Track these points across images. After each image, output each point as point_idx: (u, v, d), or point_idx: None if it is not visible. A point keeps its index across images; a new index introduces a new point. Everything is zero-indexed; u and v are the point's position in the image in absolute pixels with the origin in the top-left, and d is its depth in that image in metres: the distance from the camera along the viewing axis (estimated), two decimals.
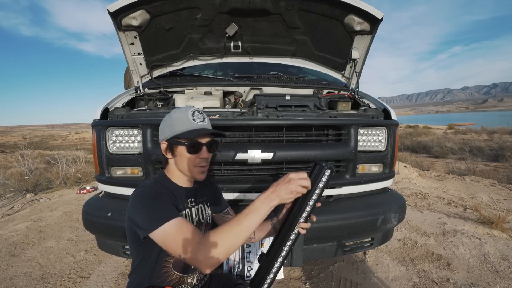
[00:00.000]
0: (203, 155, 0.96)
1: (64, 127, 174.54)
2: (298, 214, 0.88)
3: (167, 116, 0.99)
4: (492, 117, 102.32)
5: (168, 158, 0.98)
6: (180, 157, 0.95)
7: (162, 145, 0.98)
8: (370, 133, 1.64)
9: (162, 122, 0.99)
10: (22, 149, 7.21)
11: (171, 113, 0.97)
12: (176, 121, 0.94)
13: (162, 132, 0.98)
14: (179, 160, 0.96)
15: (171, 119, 0.96)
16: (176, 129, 0.93)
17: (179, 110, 0.97)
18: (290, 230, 0.89)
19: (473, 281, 1.95)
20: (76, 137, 40.35)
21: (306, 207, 0.87)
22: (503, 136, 16.12)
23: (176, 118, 0.95)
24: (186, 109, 0.97)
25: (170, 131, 0.94)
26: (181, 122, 0.93)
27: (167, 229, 0.80)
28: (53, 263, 2.35)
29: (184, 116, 0.94)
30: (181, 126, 0.93)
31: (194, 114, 0.96)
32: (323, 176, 0.86)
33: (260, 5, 1.81)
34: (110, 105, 1.74)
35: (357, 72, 2.13)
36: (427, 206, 3.59)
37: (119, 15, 1.66)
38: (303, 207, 0.87)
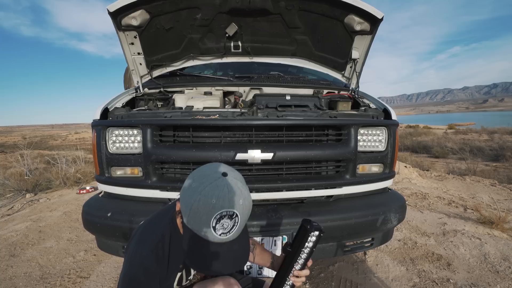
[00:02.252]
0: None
1: (64, 127, 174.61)
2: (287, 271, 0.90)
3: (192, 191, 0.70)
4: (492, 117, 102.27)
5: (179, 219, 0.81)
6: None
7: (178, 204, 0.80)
8: (370, 133, 1.64)
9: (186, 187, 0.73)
10: (22, 149, 7.21)
11: (199, 191, 0.69)
12: (193, 214, 0.69)
13: (181, 195, 0.74)
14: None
15: (191, 201, 0.69)
16: (188, 222, 0.72)
17: (206, 199, 0.67)
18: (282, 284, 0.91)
19: (473, 281, 1.94)
20: (76, 137, 40.36)
21: (295, 266, 0.90)
22: (504, 136, 16.13)
23: (195, 209, 0.68)
24: (216, 204, 0.67)
25: (184, 212, 0.72)
26: (198, 221, 0.69)
27: None
28: (52, 263, 2.34)
29: (205, 216, 0.68)
30: (195, 225, 0.70)
31: (221, 221, 0.68)
32: (311, 238, 0.86)
33: (260, 5, 1.81)
34: (110, 105, 1.73)
35: (357, 72, 2.13)
36: (427, 206, 3.58)
37: (119, 15, 1.66)
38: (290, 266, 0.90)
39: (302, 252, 0.88)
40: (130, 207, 1.48)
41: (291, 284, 0.92)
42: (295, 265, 0.90)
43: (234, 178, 0.73)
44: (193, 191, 0.70)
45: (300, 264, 0.90)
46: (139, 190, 1.51)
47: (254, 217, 1.43)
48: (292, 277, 0.91)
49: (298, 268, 0.90)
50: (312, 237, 0.86)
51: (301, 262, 0.89)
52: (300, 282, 0.92)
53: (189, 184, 0.73)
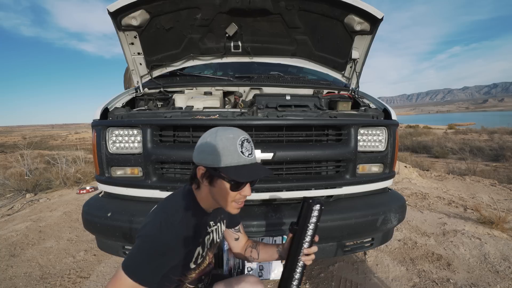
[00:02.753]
0: (246, 192, 0.86)
1: (64, 127, 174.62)
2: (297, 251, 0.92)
3: (210, 138, 0.83)
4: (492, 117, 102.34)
5: (202, 184, 0.87)
6: (219, 190, 0.84)
7: (199, 170, 0.85)
8: (370, 133, 1.64)
9: (203, 144, 0.84)
10: (22, 149, 7.21)
11: (216, 137, 0.82)
12: (223, 151, 0.80)
13: (202, 155, 0.83)
14: (217, 192, 0.85)
15: (215, 146, 0.81)
16: (221, 161, 0.80)
17: (226, 137, 0.81)
18: (294, 266, 0.92)
19: (473, 281, 1.94)
20: (76, 137, 40.37)
21: (304, 244, 0.92)
22: (504, 136, 16.13)
23: (222, 147, 0.80)
24: (234, 136, 0.82)
25: (213, 160, 0.80)
26: (228, 153, 0.80)
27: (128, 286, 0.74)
28: (53, 263, 2.34)
29: (232, 146, 0.80)
30: (227, 159, 0.80)
31: (243, 145, 0.83)
32: (313, 212, 0.90)
33: (260, 5, 1.81)
34: (110, 105, 1.73)
35: (357, 72, 2.13)
36: (427, 206, 3.58)
37: (119, 15, 1.66)
38: (299, 245, 0.92)
39: (308, 228, 0.91)
40: (130, 207, 1.48)
41: (303, 264, 0.93)
42: (303, 243, 0.92)
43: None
44: (212, 140, 0.82)
45: (307, 241, 0.92)
46: (139, 190, 1.51)
47: (254, 217, 1.43)
48: (303, 257, 0.93)
49: (306, 246, 0.92)
50: (315, 212, 0.90)
51: (308, 239, 0.92)
52: (310, 260, 0.94)
53: (203, 142, 0.84)
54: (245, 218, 1.41)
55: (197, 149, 0.85)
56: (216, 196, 0.87)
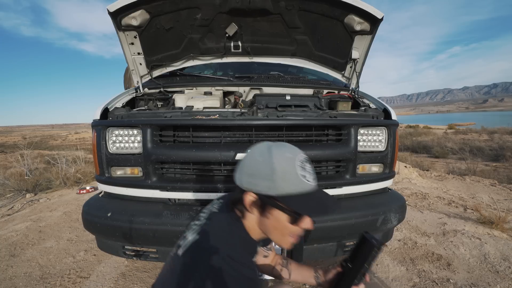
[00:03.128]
0: (307, 225, 0.72)
1: (64, 127, 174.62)
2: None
3: (261, 157, 0.69)
4: (492, 117, 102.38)
5: (251, 213, 0.73)
6: (274, 221, 0.70)
7: (247, 197, 0.71)
8: (370, 133, 1.64)
9: (253, 165, 0.70)
10: (22, 149, 7.21)
11: (271, 158, 0.68)
12: (282, 176, 0.67)
13: (252, 180, 0.69)
14: (270, 223, 0.71)
15: (272, 169, 0.67)
16: (280, 188, 0.67)
17: (283, 156, 0.68)
18: None
19: (473, 281, 1.94)
20: (76, 137, 40.38)
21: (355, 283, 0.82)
22: (504, 136, 16.14)
23: (281, 170, 0.67)
24: (292, 154, 0.69)
25: (269, 187, 0.67)
26: (288, 178, 0.67)
27: None
28: (53, 263, 2.34)
29: (292, 169, 0.67)
30: (288, 186, 0.67)
31: (305, 167, 0.70)
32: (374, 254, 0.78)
33: (260, 5, 1.81)
34: (110, 105, 1.73)
35: (357, 72, 2.13)
36: (427, 206, 3.58)
37: (119, 15, 1.66)
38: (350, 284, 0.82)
39: (365, 267, 0.80)
40: (130, 207, 1.48)
41: None
42: (354, 282, 0.82)
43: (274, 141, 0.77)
44: (265, 161, 0.68)
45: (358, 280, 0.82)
46: (139, 190, 1.51)
47: None
48: None
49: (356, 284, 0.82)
50: (376, 253, 0.79)
51: (359, 278, 0.82)
52: None
53: (253, 162, 0.70)
54: None
55: (244, 171, 0.71)
56: (267, 228, 0.73)
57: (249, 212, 0.74)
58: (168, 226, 1.36)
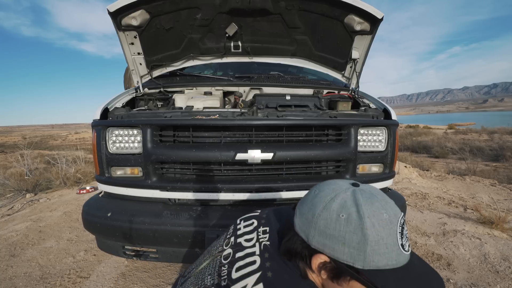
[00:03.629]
0: None
1: (64, 127, 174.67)
2: None
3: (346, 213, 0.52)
4: (492, 117, 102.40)
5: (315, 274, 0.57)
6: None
7: (317, 257, 0.55)
8: (370, 133, 1.64)
9: (334, 224, 0.52)
10: (22, 149, 7.21)
11: (362, 220, 0.50)
12: (376, 247, 0.50)
13: (330, 241, 0.53)
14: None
15: (363, 235, 0.50)
16: (371, 262, 0.50)
17: (379, 218, 0.51)
18: None
19: (473, 281, 1.94)
20: (76, 137, 40.38)
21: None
22: (503, 136, 16.13)
23: (376, 240, 0.50)
24: (390, 215, 0.52)
25: (355, 258, 0.50)
26: (384, 250, 0.50)
27: None
28: (53, 263, 2.34)
29: (390, 238, 0.50)
30: (381, 259, 0.50)
31: (403, 232, 0.53)
32: None
33: (260, 5, 1.81)
34: (110, 105, 1.74)
35: (357, 72, 2.13)
36: (427, 206, 3.58)
37: (119, 15, 1.66)
38: None
39: None
40: (130, 207, 1.48)
41: None
42: None
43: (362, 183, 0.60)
44: (353, 223, 0.51)
45: None
46: (139, 190, 1.51)
47: None
48: None
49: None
50: None
51: None
52: None
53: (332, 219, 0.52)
54: None
55: (313, 226, 0.54)
56: None
57: (312, 272, 0.57)
58: (168, 226, 1.36)
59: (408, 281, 0.50)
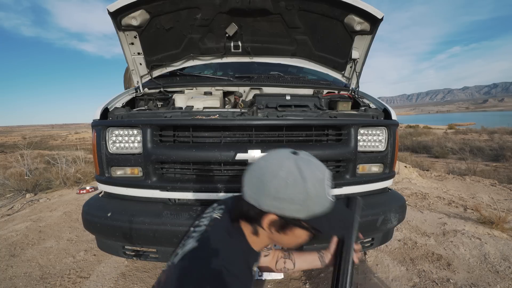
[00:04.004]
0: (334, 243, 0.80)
1: (64, 127, 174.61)
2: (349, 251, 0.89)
3: (291, 178, 0.62)
4: (492, 117, 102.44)
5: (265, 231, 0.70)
6: (292, 238, 0.70)
7: (267, 218, 0.66)
8: (370, 133, 1.64)
9: (280, 188, 0.63)
10: (22, 149, 7.21)
11: (306, 184, 0.62)
12: (315, 200, 0.63)
13: (278, 203, 0.64)
14: (287, 239, 0.70)
15: (306, 195, 0.62)
16: (310, 212, 0.64)
17: (315, 177, 0.64)
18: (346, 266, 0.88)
19: (473, 281, 1.94)
20: (76, 137, 40.39)
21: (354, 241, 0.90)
22: (504, 136, 16.14)
23: (315, 195, 0.63)
24: (321, 173, 0.65)
25: (299, 211, 0.64)
26: (319, 201, 0.64)
27: None
28: (52, 263, 2.34)
29: (323, 191, 0.64)
30: (318, 208, 0.64)
31: (330, 186, 0.68)
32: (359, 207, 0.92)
33: (260, 5, 1.81)
34: (110, 105, 1.73)
35: (357, 72, 2.13)
36: (427, 206, 3.58)
37: (119, 15, 1.66)
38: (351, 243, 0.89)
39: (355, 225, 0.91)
40: (130, 207, 1.48)
41: (352, 262, 0.89)
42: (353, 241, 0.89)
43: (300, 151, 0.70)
44: (298, 184, 0.62)
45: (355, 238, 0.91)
46: (139, 190, 1.51)
47: None
48: (354, 255, 0.89)
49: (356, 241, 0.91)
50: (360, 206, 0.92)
51: (355, 235, 0.91)
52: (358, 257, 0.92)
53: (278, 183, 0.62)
54: None
55: (265, 192, 0.64)
56: (281, 241, 0.72)
57: (263, 229, 0.70)
58: (168, 226, 1.36)
59: (334, 218, 0.67)
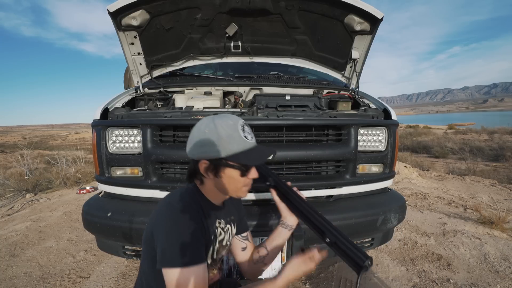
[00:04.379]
0: (254, 175, 0.86)
1: (64, 127, 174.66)
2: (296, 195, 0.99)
3: (208, 129, 0.80)
4: (492, 117, 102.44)
5: (207, 177, 0.85)
6: (227, 179, 0.83)
7: (201, 165, 0.82)
8: (370, 133, 1.64)
9: (201, 137, 0.81)
10: (22, 149, 7.21)
11: (216, 128, 0.79)
12: (227, 139, 0.78)
13: (203, 149, 0.80)
14: (225, 182, 0.83)
15: (218, 137, 0.78)
16: (227, 150, 0.79)
17: (226, 124, 0.80)
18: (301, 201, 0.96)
19: (473, 281, 1.94)
20: (76, 137, 40.38)
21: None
22: (503, 136, 16.14)
23: (226, 135, 0.78)
24: (234, 122, 0.82)
25: (218, 151, 0.78)
26: (233, 140, 0.79)
27: (183, 277, 0.72)
28: (53, 263, 2.34)
29: (235, 133, 0.80)
30: (233, 146, 0.79)
31: (245, 129, 0.83)
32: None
33: (260, 5, 1.81)
34: (110, 105, 1.73)
35: (357, 72, 2.13)
36: (427, 206, 3.58)
37: (119, 15, 1.66)
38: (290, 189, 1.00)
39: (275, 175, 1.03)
40: (130, 207, 1.48)
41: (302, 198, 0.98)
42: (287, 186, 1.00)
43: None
44: (212, 131, 0.80)
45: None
46: (139, 190, 1.51)
47: (255, 217, 1.43)
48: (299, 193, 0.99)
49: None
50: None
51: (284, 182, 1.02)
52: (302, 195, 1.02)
53: (201, 135, 0.81)
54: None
55: (195, 144, 0.82)
56: (224, 186, 0.85)
57: (206, 178, 0.85)
58: None
59: (251, 154, 0.81)
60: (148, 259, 0.84)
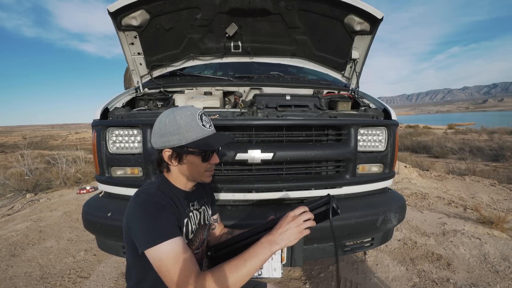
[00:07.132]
0: (215, 160, 0.93)
1: (64, 127, 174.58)
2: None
3: (168, 120, 0.86)
4: (492, 117, 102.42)
5: (172, 165, 0.91)
6: (190, 165, 0.90)
7: (164, 153, 0.89)
8: (370, 133, 1.64)
9: (162, 127, 0.87)
10: (22, 149, 7.21)
11: (175, 118, 0.86)
12: (186, 129, 0.85)
13: (165, 138, 0.87)
14: (188, 168, 0.90)
15: (177, 126, 0.85)
16: (187, 137, 0.85)
17: (185, 114, 0.87)
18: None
19: (473, 281, 1.94)
20: (76, 137, 40.37)
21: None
22: (503, 136, 16.13)
23: (184, 125, 0.85)
24: (192, 112, 0.88)
25: (179, 139, 0.85)
26: (192, 129, 0.86)
27: (164, 251, 0.75)
28: (53, 263, 2.34)
29: (193, 122, 0.86)
30: (192, 134, 0.86)
31: (203, 119, 0.89)
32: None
33: (260, 5, 1.81)
34: (110, 105, 1.74)
35: (357, 72, 2.13)
36: (427, 206, 3.59)
37: (119, 15, 1.66)
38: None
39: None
40: None
41: None
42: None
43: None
44: (172, 122, 0.86)
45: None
46: None
47: (254, 217, 1.43)
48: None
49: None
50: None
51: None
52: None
53: (162, 125, 0.87)
54: (245, 219, 1.41)
55: (157, 134, 0.88)
56: (188, 172, 0.91)
57: (171, 165, 0.91)
58: None
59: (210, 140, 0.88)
60: (130, 252, 0.88)
